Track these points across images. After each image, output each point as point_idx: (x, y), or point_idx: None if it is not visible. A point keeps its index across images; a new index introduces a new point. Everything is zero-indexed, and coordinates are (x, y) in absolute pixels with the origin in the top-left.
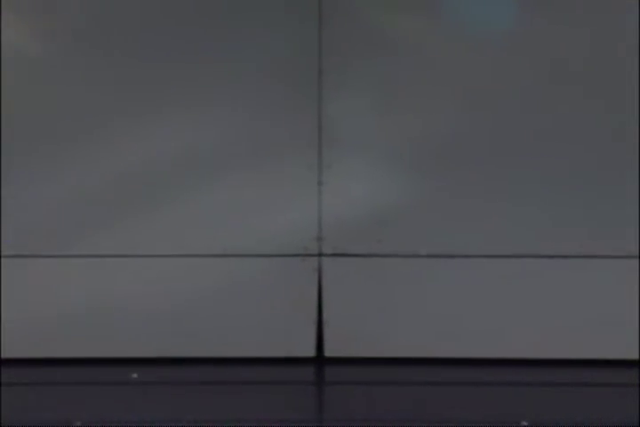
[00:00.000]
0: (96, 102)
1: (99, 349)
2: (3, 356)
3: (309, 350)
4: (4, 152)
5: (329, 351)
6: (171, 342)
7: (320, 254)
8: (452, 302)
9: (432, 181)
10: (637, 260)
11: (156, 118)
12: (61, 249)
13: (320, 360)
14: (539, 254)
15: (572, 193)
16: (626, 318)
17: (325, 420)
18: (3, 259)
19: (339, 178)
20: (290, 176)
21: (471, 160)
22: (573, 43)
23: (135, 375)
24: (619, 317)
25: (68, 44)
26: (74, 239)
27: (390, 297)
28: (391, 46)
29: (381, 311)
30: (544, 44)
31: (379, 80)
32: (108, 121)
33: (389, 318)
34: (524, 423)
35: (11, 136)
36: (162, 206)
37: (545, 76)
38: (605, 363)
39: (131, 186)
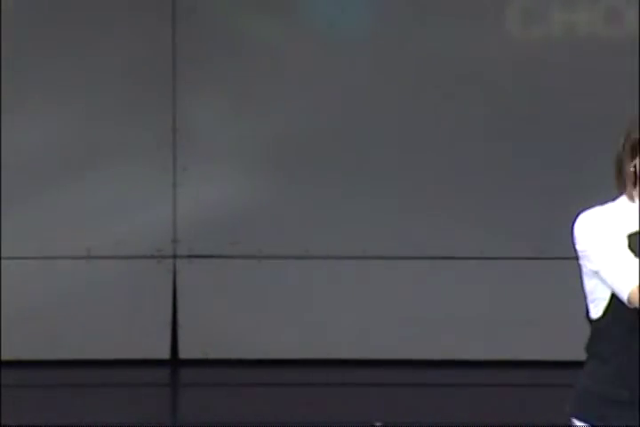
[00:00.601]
0: None
1: None
2: None
3: (164, 352)
4: None
5: (183, 353)
6: (26, 345)
7: (175, 256)
8: (308, 303)
9: (289, 183)
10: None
11: (6, 120)
12: None
13: (175, 362)
14: (390, 256)
15: (427, 195)
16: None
17: (179, 421)
18: None
19: (194, 180)
20: (144, 178)
21: (329, 162)
22: (426, 44)
23: None
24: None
25: None
26: None
27: (245, 299)
28: (248, 47)
29: (236, 313)
30: (399, 46)
31: (235, 81)
32: None
33: (244, 319)
34: (378, 424)
35: None
36: (15, 209)
37: (405, 77)
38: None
39: None
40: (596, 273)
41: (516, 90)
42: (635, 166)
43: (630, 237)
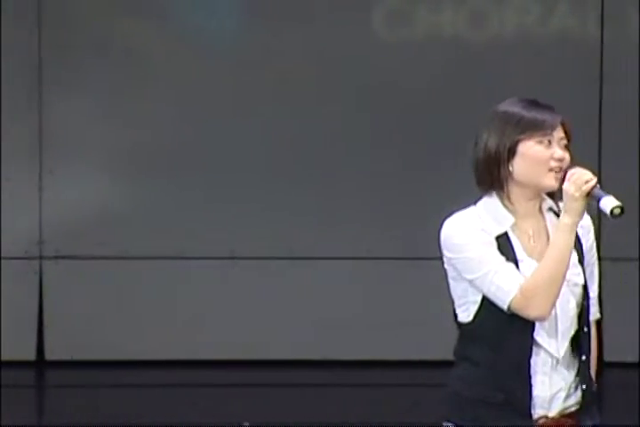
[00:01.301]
0: None
1: None
2: None
3: (30, 354)
4: None
5: (49, 355)
6: None
7: (41, 257)
8: (174, 304)
9: (154, 185)
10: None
11: None
12: None
13: (41, 364)
14: (259, 256)
15: (288, 198)
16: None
17: (45, 423)
18: None
19: (60, 182)
20: (11, 181)
21: (194, 164)
22: (296, 51)
23: None
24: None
25: None
26: None
27: (112, 300)
28: (116, 50)
29: (103, 314)
30: (268, 49)
31: (102, 84)
32: None
33: (111, 320)
34: (246, 424)
35: None
36: None
37: (271, 81)
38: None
39: None
40: (469, 280)
41: (382, 90)
42: (512, 167)
43: (498, 238)
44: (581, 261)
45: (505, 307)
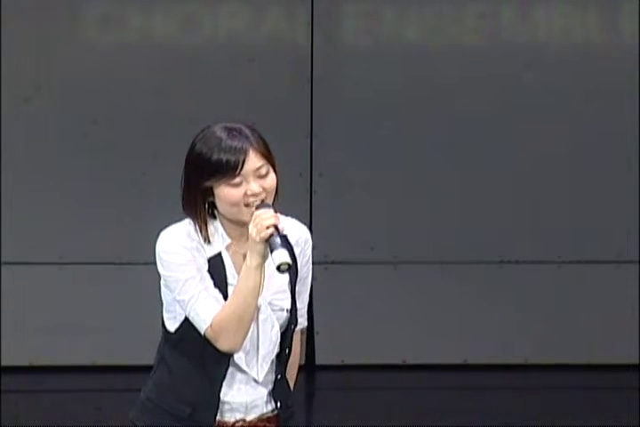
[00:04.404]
0: None
1: None
2: None
3: None
4: None
5: None
6: None
7: None
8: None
9: None
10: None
11: None
12: None
13: None
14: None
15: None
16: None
17: None
18: None
19: None
20: None
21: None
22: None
23: None
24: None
25: None
26: None
27: None
28: None
29: None
30: None
31: None
32: None
33: None
34: None
35: None
36: None
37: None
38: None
39: None
40: (175, 299)
41: (96, 94)
42: (208, 205)
43: (211, 260)
44: (292, 282)
45: (202, 334)
